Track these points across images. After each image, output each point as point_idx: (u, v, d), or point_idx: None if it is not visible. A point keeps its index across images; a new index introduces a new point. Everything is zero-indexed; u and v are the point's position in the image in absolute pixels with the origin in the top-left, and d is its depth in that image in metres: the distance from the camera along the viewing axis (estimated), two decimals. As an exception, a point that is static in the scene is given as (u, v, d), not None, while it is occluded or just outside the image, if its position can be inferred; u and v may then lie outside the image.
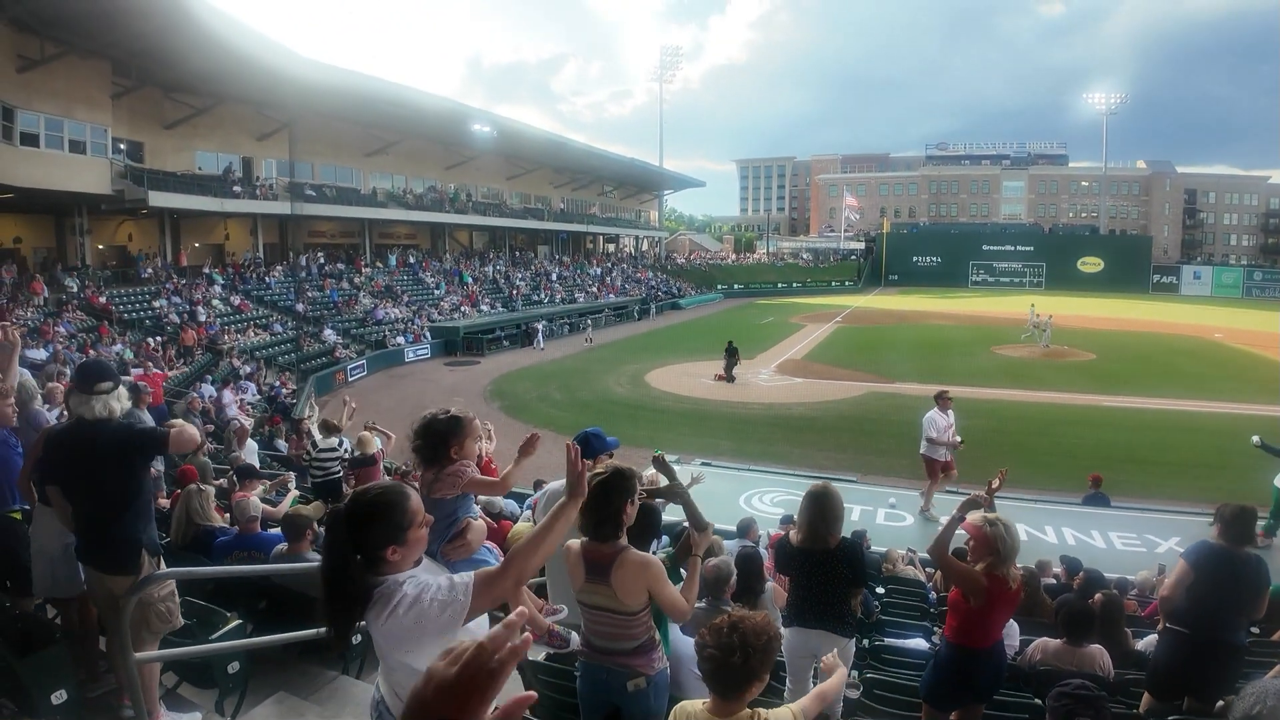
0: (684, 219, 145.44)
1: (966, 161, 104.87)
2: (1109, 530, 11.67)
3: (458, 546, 3.79)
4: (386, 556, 2.44)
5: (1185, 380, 28.63)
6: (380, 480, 4.30)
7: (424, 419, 3.85)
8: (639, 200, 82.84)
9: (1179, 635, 4.87)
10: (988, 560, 4.37)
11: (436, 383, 29.51)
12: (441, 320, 38.97)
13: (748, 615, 2.78)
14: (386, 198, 44.73)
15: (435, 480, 3.76)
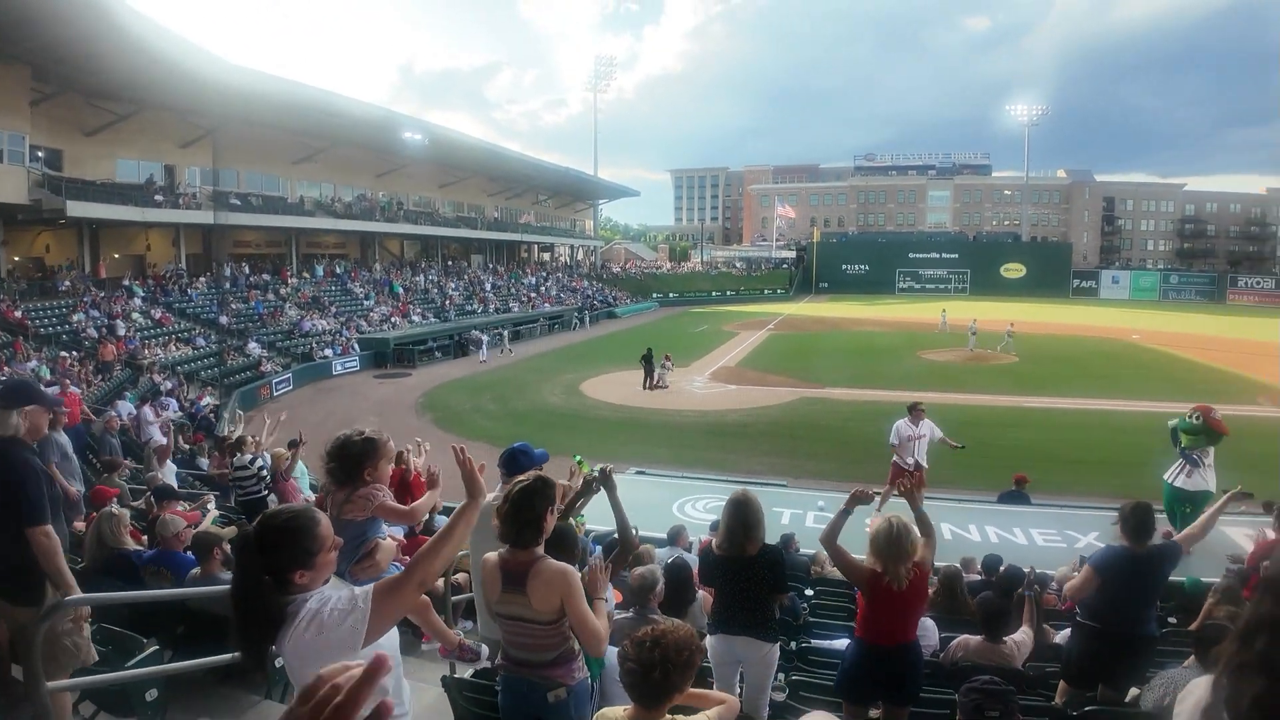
0: (619, 228, 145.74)
1: (894, 172, 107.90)
2: (1030, 527, 12.07)
3: (366, 567, 3.78)
4: (294, 580, 2.43)
5: (1104, 381, 29.79)
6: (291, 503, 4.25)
7: (338, 440, 3.83)
8: (574, 209, 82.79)
9: (1090, 629, 5.09)
10: (873, 556, 4.53)
11: (366, 396, 28.97)
12: (371, 331, 38.27)
13: (670, 629, 2.79)
14: (314, 206, 43.89)
15: (346, 501, 3.75)
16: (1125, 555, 4.98)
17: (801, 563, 9.31)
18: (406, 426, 21.36)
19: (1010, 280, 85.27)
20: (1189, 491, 11.05)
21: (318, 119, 38.27)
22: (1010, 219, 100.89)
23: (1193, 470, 11.00)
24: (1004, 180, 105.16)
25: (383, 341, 36.64)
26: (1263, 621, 1.70)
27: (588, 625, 3.39)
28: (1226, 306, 76.43)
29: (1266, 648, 1.67)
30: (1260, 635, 1.69)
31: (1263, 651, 1.67)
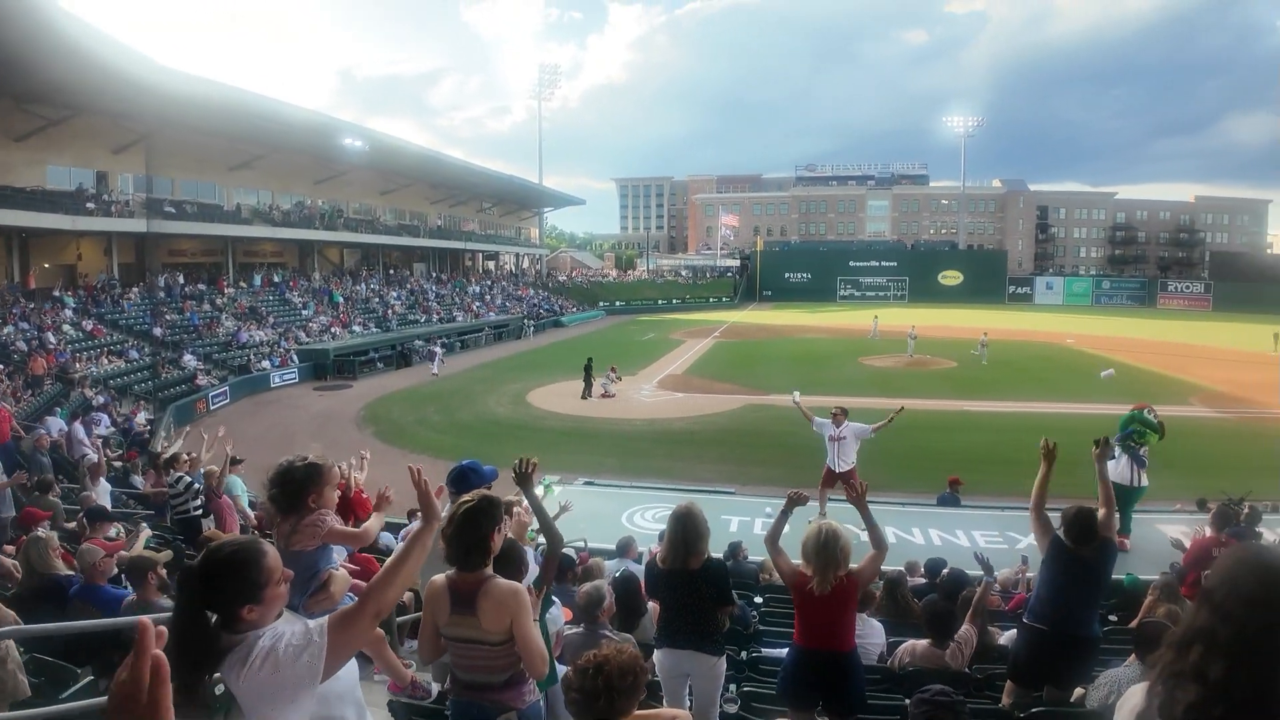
0: (565, 236, 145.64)
1: (834, 182, 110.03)
2: (972, 529, 12.21)
3: (321, 599, 3.66)
4: (243, 615, 2.31)
5: (1040, 384, 30.71)
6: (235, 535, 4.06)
7: (280, 467, 3.69)
8: (519, 217, 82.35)
9: (1035, 630, 5.12)
10: (802, 560, 4.56)
11: (305, 409, 28.32)
12: (310, 342, 37.46)
13: (613, 654, 2.73)
14: (251, 214, 42.79)
15: (294, 532, 3.61)
16: (1067, 556, 5.03)
17: (750, 570, 9.28)
18: (348, 440, 20.96)
19: (948, 287, 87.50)
20: (1137, 489, 11.29)
21: (256, 125, 37.40)
22: (947, 228, 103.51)
23: (1139, 468, 11.24)
24: (941, 190, 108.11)
25: (322, 352, 35.88)
26: (1199, 632, 1.74)
27: (533, 646, 3.32)
28: (1157, 311, 79.19)
29: (1200, 658, 1.70)
30: (1195, 645, 1.72)
31: (1197, 661, 1.70)
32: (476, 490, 3.57)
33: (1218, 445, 21.38)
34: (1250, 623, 1.68)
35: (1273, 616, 1.68)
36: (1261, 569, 1.73)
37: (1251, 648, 1.66)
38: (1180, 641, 1.79)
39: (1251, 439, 22.38)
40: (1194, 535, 9.86)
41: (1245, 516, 8.65)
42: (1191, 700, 1.69)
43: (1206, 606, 1.77)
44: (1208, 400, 28.05)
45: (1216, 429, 23.75)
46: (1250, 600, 1.69)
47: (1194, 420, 24.58)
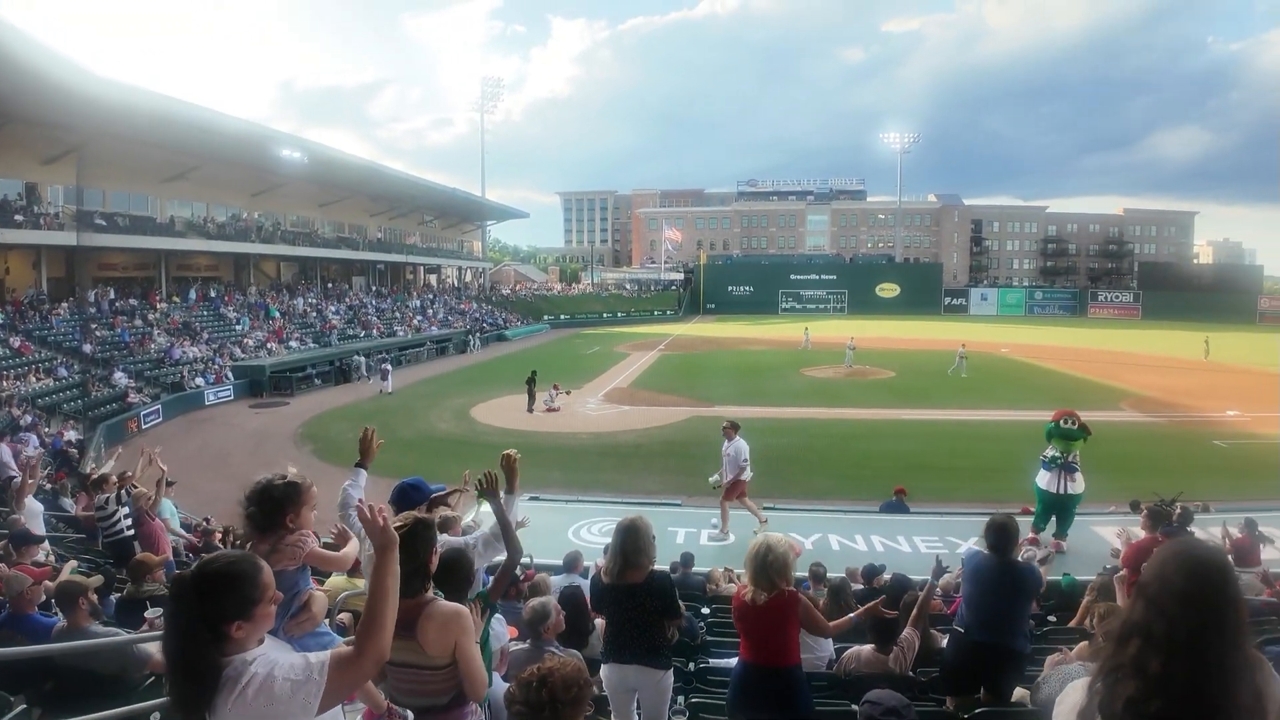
0: (509, 249, 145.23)
1: (775, 197, 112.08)
2: (914, 535, 12.38)
3: (302, 621, 3.55)
4: (231, 633, 2.20)
5: (976, 392, 31.43)
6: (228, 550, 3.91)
7: (259, 484, 3.59)
8: (461, 230, 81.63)
9: (960, 637, 5.20)
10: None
11: (240, 427, 27.54)
12: (246, 359, 36.52)
13: (557, 666, 2.68)
14: (185, 227, 41.71)
15: (273, 551, 3.47)
16: (989, 565, 5.14)
17: (697, 582, 9.25)
18: (285, 458, 20.44)
19: (886, 299, 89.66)
20: (1074, 495, 11.55)
21: (191, 135, 36.30)
22: (884, 241, 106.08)
23: (1072, 474, 11.50)
24: (878, 205, 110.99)
25: (258, 369, 35.01)
26: (1135, 627, 1.79)
27: (475, 669, 3.25)
28: (1088, 320, 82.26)
29: (1139, 652, 1.75)
30: (1133, 639, 1.78)
31: (1135, 656, 1.76)
32: (408, 513, 3.46)
33: (1149, 448, 22.09)
34: (1183, 617, 1.72)
35: (1205, 610, 1.72)
36: (1192, 564, 1.78)
37: (1186, 641, 1.71)
38: (1119, 637, 1.83)
39: (1182, 441, 23.14)
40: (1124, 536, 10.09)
41: (1178, 517, 8.86)
42: (1130, 694, 1.73)
43: (1142, 601, 1.82)
44: (1138, 405, 28.95)
45: (1147, 433, 24.49)
46: (1182, 595, 1.74)
47: (1126, 425, 25.37)
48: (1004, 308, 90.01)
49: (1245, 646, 1.74)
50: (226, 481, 18.09)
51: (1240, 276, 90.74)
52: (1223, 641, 1.71)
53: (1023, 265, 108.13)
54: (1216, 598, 1.74)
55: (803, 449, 22.15)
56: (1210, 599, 1.73)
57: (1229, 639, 1.72)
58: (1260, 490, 16.91)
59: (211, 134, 36.89)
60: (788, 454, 21.52)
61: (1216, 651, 1.70)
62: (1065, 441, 11.68)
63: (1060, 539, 11.58)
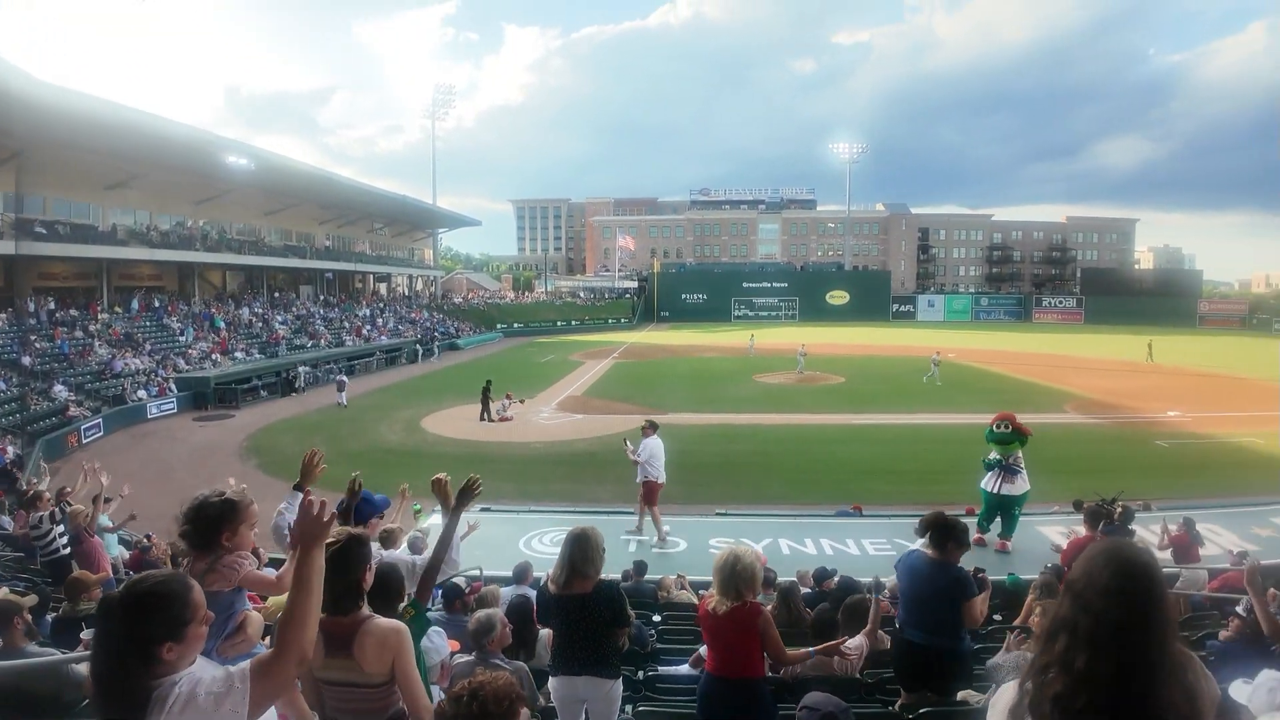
0: (461, 257, 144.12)
1: (727, 206, 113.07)
2: (862, 538, 12.51)
3: (237, 642, 3.48)
4: (161, 655, 2.11)
5: (923, 396, 32.02)
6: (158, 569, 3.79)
7: (194, 502, 3.50)
8: (412, 238, 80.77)
9: (899, 638, 5.28)
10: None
11: (184, 441, 26.84)
12: (190, 370, 35.66)
13: (488, 680, 2.62)
14: (128, 235, 40.61)
15: (209, 571, 3.40)
16: (922, 564, 5.22)
17: (649, 590, 9.23)
18: (231, 474, 20.00)
19: (836, 306, 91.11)
20: (1013, 496, 11.80)
21: (134, 141, 35.34)
22: (834, 249, 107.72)
23: (1013, 476, 11.74)
24: (828, 213, 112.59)
25: (203, 381, 34.19)
26: (1063, 623, 1.81)
27: (416, 686, 3.19)
28: (1033, 325, 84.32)
29: (1065, 648, 1.76)
30: (1060, 636, 1.79)
31: (1062, 652, 1.77)
32: (341, 529, 3.38)
33: (1092, 449, 22.68)
34: (1107, 613, 1.74)
35: (1129, 607, 1.74)
36: (1118, 561, 1.79)
37: (1110, 637, 1.72)
38: (1047, 634, 1.85)
39: (1124, 442, 23.77)
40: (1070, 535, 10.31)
41: (1119, 516, 9.06)
42: (1058, 690, 1.74)
43: (1069, 598, 1.83)
44: (1082, 407, 29.67)
45: (1091, 434, 25.09)
46: (1106, 590, 1.76)
47: (1070, 426, 25.98)
48: (951, 314, 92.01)
49: (1172, 645, 1.76)
50: (169, 497, 17.64)
51: (1180, 281, 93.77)
52: (1147, 639, 1.73)
53: (969, 272, 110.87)
54: (1141, 595, 1.76)
55: (755, 454, 22.34)
56: (1135, 596, 1.75)
57: (1154, 637, 1.73)
58: (1200, 489, 17.45)
59: (155, 140, 35.96)
60: (740, 460, 21.67)
61: (1141, 648, 1.72)
62: (1003, 444, 11.98)
63: (1005, 539, 11.81)
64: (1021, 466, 11.88)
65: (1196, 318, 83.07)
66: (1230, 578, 8.89)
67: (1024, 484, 11.80)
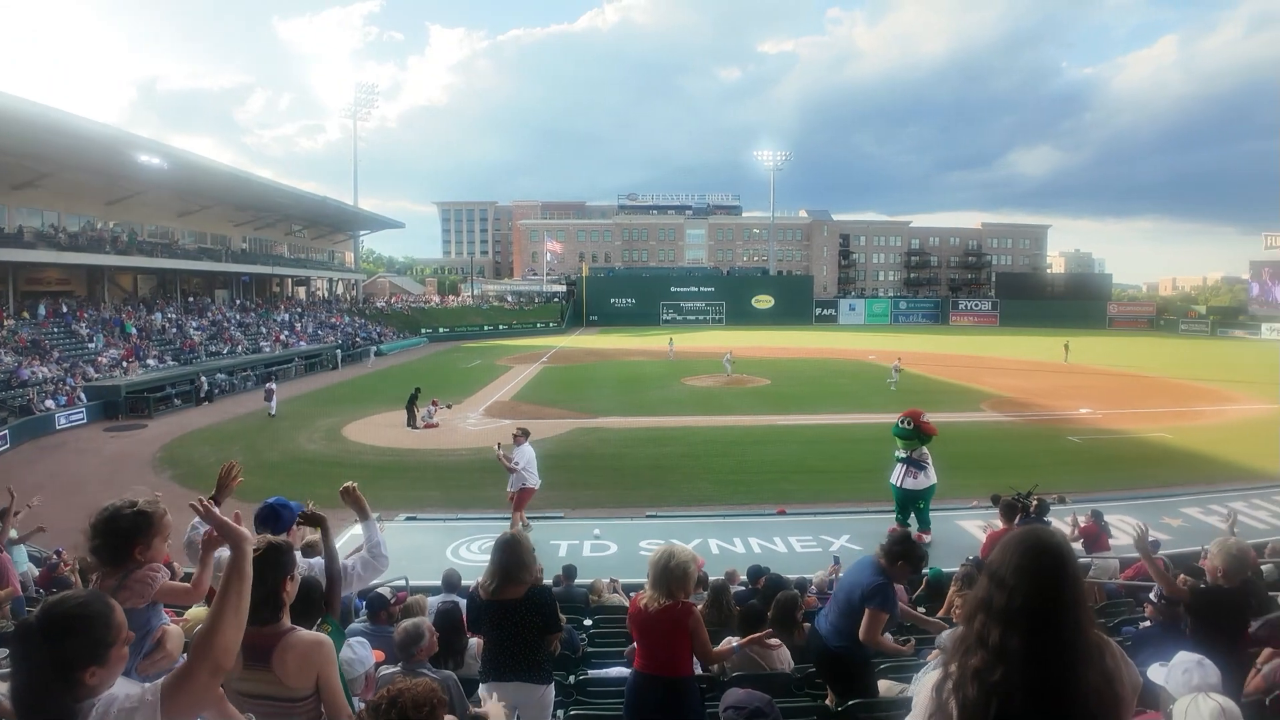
0: (383, 260, 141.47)
1: (654, 211, 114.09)
2: (789, 535, 12.77)
3: (157, 659, 3.31)
4: (84, 679, 2.03)
5: (846, 397, 32.77)
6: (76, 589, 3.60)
7: (104, 513, 3.30)
8: (332, 240, 78.90)
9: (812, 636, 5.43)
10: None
11: (95, 453, 25.67)
12: (100, 379, 34.14)
13: (407, 687, 2.62)
14: (35, 237, 38.64)
15: (120, 588, 3.23)
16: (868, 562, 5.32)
17: (580, 594, 9.21)
18: (144, 485, 19.28)
19: (761, 310, 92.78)
20: (918, 490, 12.27)
21: (41, 139, 33.48)
22: (759, 255, 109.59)
23: (917, 471, 12.21)
24: (753, 220, 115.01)
25: (114, 389, 32.79)
26: (981, 603, 1.92)
27: (340, 701, 3.10)
28: (949, 327, 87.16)
29: (983, 626, 1.87)
30: (978, 615, 1.91)
31: (980, 630, 1.88)
32: (261, 536, 3.27)
33: (1008, 445, 23.50)
34: (1019, 589, 1.84)
35: (1041, 585, 1.84)
36: (1029, 544, 1.91)
37: (1023, 611, 1.82)
38: (967, 615, 1.97)
39: (1038, 438, 24.67)
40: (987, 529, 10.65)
41: (1035, 509, 9.37)
42: (976, 665, 1.84)
43: (985, 579, 1.95)
44: (998, 405, 30.67)
45: (1006, 431, 25.97)
46: (1018, 570, 1.87)
47: (986, 424, 26.84)
48: (871, 317, 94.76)
49: (1088, 628, 1.84)
50: (79, 510, 16.84)
51: (1090, 285, 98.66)
52: (1059, 617, 1.82)
53: (888, 276, 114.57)
54: (1050, 574, 1.86)
55: (684, 457, 22.47)
56: (1044, 574, 1.85)
57: (1066, 617, 1.82)
58: (1111, 482, 18.30)
59: (63, 137, 34.26)
60: (670, 462, 21.78)
61: (1054, 627, 1.81)
62: (905, 440, 12.53)
63: (923, 532, 12.20)
64: (928, 462, 12.36)
65: (1106, 319, 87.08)
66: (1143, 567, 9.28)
67: (929, 479, 12.30)
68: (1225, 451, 21.84)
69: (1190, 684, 3.16)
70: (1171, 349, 59.10)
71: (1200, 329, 79.75)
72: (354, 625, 6.37)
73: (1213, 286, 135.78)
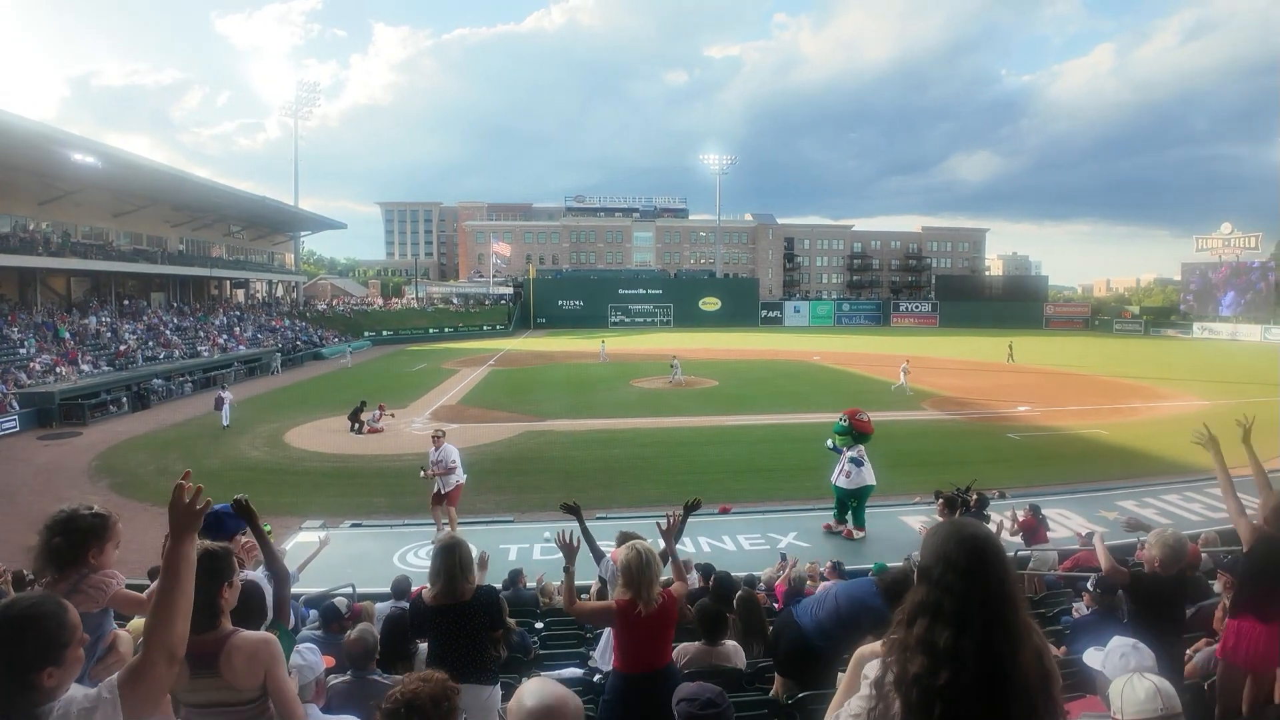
0: (324, 262, 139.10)
1: (602, 213, 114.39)
2: (737, 534, 12.99)
3: (110, 664, 3.32)
4: (41, 682, 2.02)
5: (791, 397, 33.20)
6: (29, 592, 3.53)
7: (64, 514, 3.31)
8: (272, 242, 77.23)
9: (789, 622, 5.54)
10: (623, 586, 4.61)
11: (28, 461, 24.73)
12: (32, 385, 33.02)
13: (418, 687, 2.63)
14: (-41, 239, 37.41)
15: (74, 591, 3.19)
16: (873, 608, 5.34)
17: (530, 597, 9.22)
18: (79, 497, 18.66)
19: (708, 313, 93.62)
20: (853, 489, 12.56)
21: None
22: (706, 257, 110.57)
23: (854, 470, 12.50)
24: (699, 223, 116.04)
25: (46, 396, 31.72)
26: (922, 606, 1.93)
27: (290, 698, 3.09)
28: (891, 328, 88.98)
29: (925, 631, 1.88)
30: (920, 619, 1.91)
31: (921, 634, 1.88)
32: (200, 542, 3.25)
33: (949, 443, 24.04)
34: (968, 591, 1.87)
35: (987, 582, 1.87)
36: (968, 540, 1.93)
37: (974, 613, 1.85)
38: (907, 617, 1.96)
39: (978, 436, 25.30)
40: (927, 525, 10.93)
41: (975, 503, 9.64)
42: (918, 670, 1.86)
43: (926, 583, 1.95)
44: (938, 404, 31.34)
45: (947, 429, 26.56)
46: (965, 571, 1.89)
47: (928, 422, 27.43)
48: (815, 319, 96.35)
49: (1023, 611, 1.91)
50: (12, 521, 16.33)
51: (1028, 287, 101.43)
52: (1006, 607, 1.87)
53: (831, 279, 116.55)
54: (996, 569, 1.89)
55: (633, 458, 22.54)
56: (990, 571, 1.88)
57: (1010, 605, 1.88)
58: (1050, 477, 18.88)
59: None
60: (619, 464, 21.83)
61: (1002, 618, 1.85)
62: (842, 437, 12.82)
63: (858, 528, 12.52)
64: (865, 461, 12.68)
65: (1043, 320, 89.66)
66: (1080, 557, 9.61)
67: (863, 479, 12.59)
68: (1159, 446, 22.57)
69: (1127, 667, 3.25)
70: (1106, 348, 60.97)
71: (1134, 329, 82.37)
72: (304, 633, 6.32)
73: (1146, 287, 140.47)
